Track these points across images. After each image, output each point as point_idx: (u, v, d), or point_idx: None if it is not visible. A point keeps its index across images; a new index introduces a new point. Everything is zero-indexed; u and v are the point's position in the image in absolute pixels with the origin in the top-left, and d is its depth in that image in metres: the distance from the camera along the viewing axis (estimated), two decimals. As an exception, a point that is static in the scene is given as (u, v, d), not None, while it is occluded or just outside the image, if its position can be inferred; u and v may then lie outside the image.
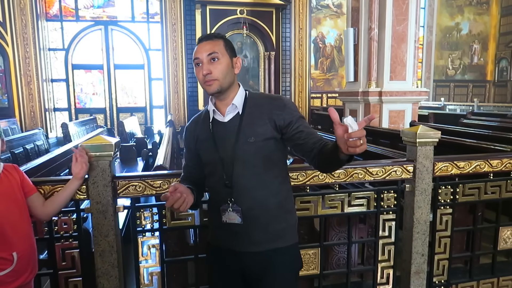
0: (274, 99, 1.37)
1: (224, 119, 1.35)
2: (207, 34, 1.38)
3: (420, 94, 5.97)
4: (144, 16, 10.68)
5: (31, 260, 1.42)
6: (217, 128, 1.35)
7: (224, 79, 1.30)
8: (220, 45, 1.31)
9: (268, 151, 1.32)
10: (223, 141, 1.33)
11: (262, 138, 1.30)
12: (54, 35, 10.23)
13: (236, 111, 1.35)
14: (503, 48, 14.78)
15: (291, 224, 1.40)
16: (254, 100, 1.36)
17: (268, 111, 1.32)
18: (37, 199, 1.48)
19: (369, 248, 2.48)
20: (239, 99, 1.35)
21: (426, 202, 2.02)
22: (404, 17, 5.66)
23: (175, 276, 2.31)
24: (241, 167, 1.30)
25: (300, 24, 10.88)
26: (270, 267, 1.33)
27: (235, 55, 1.36)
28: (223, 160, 1.31)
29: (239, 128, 1.31)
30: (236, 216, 1.31)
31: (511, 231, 2.30)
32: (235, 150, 1.30)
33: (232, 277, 1.39)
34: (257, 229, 1.32)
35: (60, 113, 10.49)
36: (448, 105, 12.06)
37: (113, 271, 1.68)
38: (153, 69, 10.73)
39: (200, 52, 1.30)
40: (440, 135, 1.99)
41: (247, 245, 1.33)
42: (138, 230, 1.77)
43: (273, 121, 1.30)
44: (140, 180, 1.68)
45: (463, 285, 2.26)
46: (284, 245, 1.36)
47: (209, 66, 1.29)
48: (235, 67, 1.35)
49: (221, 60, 1.30)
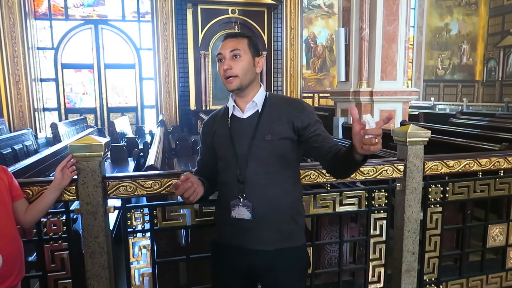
0: (293, 101, 1.40)
1: (243, 115, 1.38)
2: (234, 32, 1.42)
3: (411, 94, 6.03)
4: (135, 15, 10.60)
5: (17, 263, 1.39)
6: (235, 124, 1.38)
7: (244, 76, 1.33)
8: (244, 44, 1.35)
9: (283, 151, 1.34)
10: (240, 137, 1.35)
11: (278, 137, 1.32)
12: (43, 34, 10.10)
13: (255, 109, 1.37)
14: (491, 49, 14.99)
15: (300, 226, 1.42)
16: (273, 100, 1.39)
17: (287, 112, 1.35)
18: (22, 206, 1.45)
19: (360, 247, 2.49)
20: (260, 97, 1.38)
21: (417, 200, 2.04)
22: (395, 18, 5.71)
23: (166, 277, 2.30)
24: (255, 164, 1.31)
25: (291, 24, 10.92)
26: (277, 265, 1.35)
27: (258, 54, 1.38)
28: (238, 155, 1.33)
29: (257, 125, 1.33)
30: (246, 211, 1.31)
31: (499, 229, 2.33)
32: (251, 146, 1.32)
33: (238, 274, 1.40)
34: (267, 227, 1.33)
35: (49, 113, 10.36)
36: (438, 105, 12.20)
37: (103, 273, 1.67)
38: (144, 69, 10.66)
39: (223, 48, 1.35)
40: (430, 135, 2.01)
41: (256, 243, 1.33)
42: (129, 231, 1.75)
43: (291, 122, 1.33)
44: (131, 180, 1.67)
45: (453, 282, 2.29)
46: (292, 245, 1.37)
47: (231, 62, 1.32)
48: (257, 66, 1.38)
49: (243, 57, 1.33)
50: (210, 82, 10.21)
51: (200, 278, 2.24)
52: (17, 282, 1.40)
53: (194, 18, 9.85)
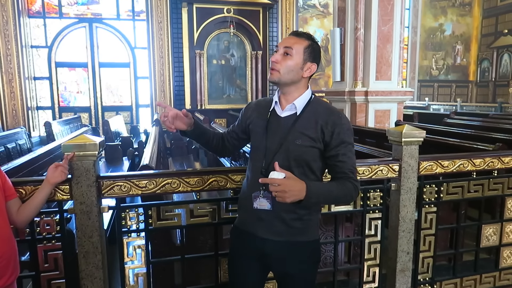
0: (333, 113, 1.40)
1: (281, 113, 1.42)
2: (300, 31, 1.44)
3: (405, 94, 6.06)
4: (130, 14, 10.54)
5: (11, 263, 1.38)
6: (273, 119, 1.42)
7: (286, 74, 1.37)
8: (301, 45, 1.37)
9: (310, 158, 1.37)
10: (273, 133, 1.40)
11: (308, 144, 1.36)
12: (36, 32, 10.00)
13: (294, 111, 1.41)
14: (485, 49, 15.11)
15: (314, 222, 1.46)
16: (315, 106, 1.42)
17: (323, 121, 1.37)
18: (15, 205, 1.44)
19: (355, 247, 2.49)
20: (302, 101, 1.41)
21: (412, 200, 2.05)
22: (389, 18, 5.73)
23: (161, 277, 2.29)
24: (280, 162, 1.32)
25: (287, 23, 10.91)
26: (288, 256, 1.40)
27: (312, 61, 1.40)
28: (267, 149, 1.38)
29: (291, 128, 1.37)
30: (266, 202, 1.36)
31: (493, 229, 2.35)
32: (280, 145, 1.37)
33: (250, 258, 1.46)
34: (280, 222, 1.38)
35: (43, 112, 10.27)
36: (432, 105, 12.27)
37: (97, 273, 1.65)
38: (139, 68, 10.60)
39: (282, 42, 1.40)
40: (425, 135, 2.02)
41: (269, 233, 1.40)
42: (123, 230, 1.74)
43: (323, 133, 1.36)
44: (126, 180, 1.66)
45: (447, 282, 2.30)
46: (304, 239, 1.42)
47: (279, 57, 1.37)
48: (305, 71, 1.40)
49: (293, 57, 1.36)
50: (205, 81, 10.18)
51: (195, 278, 2.23)
52: (11, 282, 1.39)
53: (189, 17, 9.81)
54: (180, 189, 1.72)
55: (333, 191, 1.32)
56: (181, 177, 1.72)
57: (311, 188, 1.25)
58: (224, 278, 1.92)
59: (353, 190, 1.35)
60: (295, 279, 1.42)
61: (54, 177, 1.48)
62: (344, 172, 1.36)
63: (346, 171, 1.36)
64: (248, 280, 1.50)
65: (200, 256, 1.95)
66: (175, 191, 1.72)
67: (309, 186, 1.25)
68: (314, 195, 1.26)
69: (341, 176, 1.36)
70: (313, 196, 1.26)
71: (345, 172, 1.36)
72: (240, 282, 1.51)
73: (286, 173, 1.23)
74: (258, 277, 1.51)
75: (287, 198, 1.21)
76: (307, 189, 1.24)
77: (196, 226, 1.86)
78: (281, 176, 1.21)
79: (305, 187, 1.24)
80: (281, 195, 1.20)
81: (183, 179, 1.72)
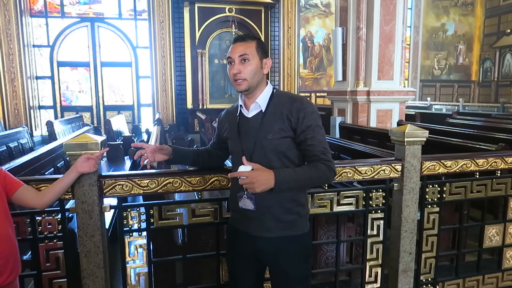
0: (295, 100, 1.43)
1: (248, 114, 1.47)
2: (243, 35, 1.48)
3: (407, 94, 6.03)
4: (132, 13, 10.55)
5: (10, 261, 1.37)
6: (242, 122, 1.48)
7: (253, 79, 1.41)
8: (252, 47, 1.42)
9: (284, 148, 1.41)
10: (245, 134, 1.45)
11: (279, 136, 1.40)
12: (38, 32, 10.03)
13: (259, 109, 1.45)
14: (487, 49, 15.06)
15: (303, 215, 1.48)
16: (278, 98, 1.46)
17: (288, 111, 1.40)
18: (27, 191, 1.45)
19: (357, 247, 2.49)
20: (264, 98, 1.45)
21: (414, 201, 2.04)
22: (392, 17, 5.71)
23: (163, 276, 2.29)
24: (258, 160, 1.37)
25: (288, 23, 10.91)
26: (280, 252, 1.44)
27: (266, 56, 1.46)
28: (244, 151, 1.43)
29: (260, 125, 1.42)
30: (250, 203, 1.40)
31: (496, 229, 2.34)
32: (254, 144, 1.41)
33: (246, 256, 1.50)
34: (269, 217, 1.42)
35: (45, 111, 10.30)
36: (434, 105, 12.23)
37: (99, 272, 1.65)
38: (141, 67, 10.62)
39: (233, 52, 1.42)
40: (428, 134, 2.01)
41: (259, 231, 1.43)
42: (125, 230, 1.74)
43: (290, 121, 1.40)
44: (127, 179, 1.65)
45: (449, 283, 2.29)
46: (294, 234, 1.45)
47: (240, 67, 1.40)
48: (264, 68, 1.45)
49: (251, 61, 1.40)
50: (207, 81, 10.18)
51: (197, 277, 2.23)
52: (11, 280, 1.39)
53: (191, 17, 9.81)
54: (182, 189, 1.72)
55: (305, 174, 1.35)
56: (182, 177, 1.71)
57: (280, 176, 1.30)
58: (225, 278, 1.91)
59: (327, 171, 1.37)
60: (288, 274, 1.45)
61: (83, 167, 1.50)
62: (315, 154, 1.38)
63: (317, 153, 1.38)
64: (245, 278, 1.53)
65: (201, 255, 1.94)
66: (176, 191, 1.71)
67: (277, 174, 1.30)
68: (284, 182, 1.31)
69: (314, 159, 1.39)
70: (284, 182, 1.31)
71: (316, 155, 1.38)
72: (238, 280, 1.54)
73: (254, 165, 1.30)
74: (255, 274, 1.53)
75: (257, 188, 1.27)
76: (276, 177, 1.29)
77: (198, 226, 1.86)
78: (248, 168, 1.29)
79: (273, 175, 1.29)
80: (250, 186, 1.27)
81: (184, 179, 1.71)
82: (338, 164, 1.92)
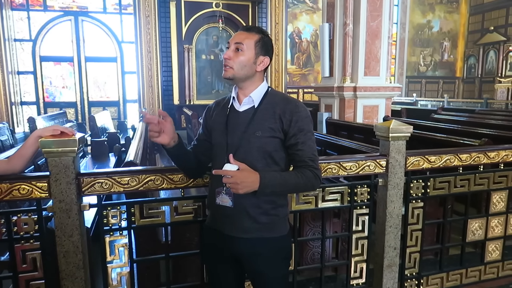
0: (289, 102, 1.40)
1: (240, 108, 1.42)
2: (251, 26, 1.45)
3: (393, 90, 6.08)
4: (117, 8, 10.36)
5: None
6: (232, 115, 1.42)
7: (240, 70, 1.36)
8: (252, 40, 1.37)
9: (271, 149, 1.37)
10: (233, 128, 1.40)
11: (268, 135, 1.35)
12: (20, 25, 9.77)
13: (252, 104, 1.41)
14: (472, 46, 15.30)
15: (281, 217, 1.44)
16: (272, 97, 1.42)
17: (281, 111, 1.37)
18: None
19: (343, 242, 2.49)
20: (258, 93, 1.41)
21: (399, 196, 2.04)
22: (378, 13, 5.73)
23: (147, 275, 2.25)
24: (242, 156, 1.33)
25: (276, 18, 10.86)
26: (257, 254, 1.39)
27: (266, 54, 1.40)
28: (228, 145, 1.38)
29: (251, 120, 1.37)
30: (228, 199, 1.36)
31: (479, 223, 2.36)
32: (241, 139, 1.36)
33: (222, 258, 1.46)
34: (246, 217, 1.37)
35: (27, 107, 10.06)
36: (419, 101, 12.38)
37: (78, 273, 1.60)
38: (126, 62, 10.45)
39: (233, 38, 1.39)
40: (412, 130, 2.01)
41: (235, 230, 1.39)
42: (105, 229, 1.69)
43: (282, 122, 1.36)
44: (107, 177, 1.61)
45: (433, 277, 2.31)
46: (272, 235, 1.41)
47: (231, 53, 1.37)
48: (258, 65, 1.40)
49: (244, 53, 1.36)
50: (194, 76, 10.08)
51: (181, 276, 2.20)
52: None
53: (178, 11, 9.69)
54: (163, 186, 1.68)
55: (291, 180, 1.32)
56: (164, 174, 1.67)
57: (266, 179, 1.27)
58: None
59: (313, 178, 1.34)
60: (266, 277, 1.42)
61: (44, 131, 1.49)
62: (303, 160, 1.36)
63: (305, 159, 1.35)
64: (226, 279, 1.49)
65: (185, 254, 1.91)
66: (158, 188, 1.67)
67: (263, 178, 1.27)
68: (269, 186, 1.28)
69: (301, 165, 1.36)
70: (268, 186, 1.28)
71: (304, 161, 1.35)
72: (217, 282, 1.50)
73: (240, 165, 1.26)
74: (234, 274, 1.49)
75: (240, 190, 1.24)
76: (261, 180, 1.26)
77: (181, 224, 1.82)
78: (234, 168, 1.25)
79: (258, 178, 1.26)
80: (234, 187, 1.23)
81: (166, 176, 1.67)
82: (323, 160, 1.90)
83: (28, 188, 1.53)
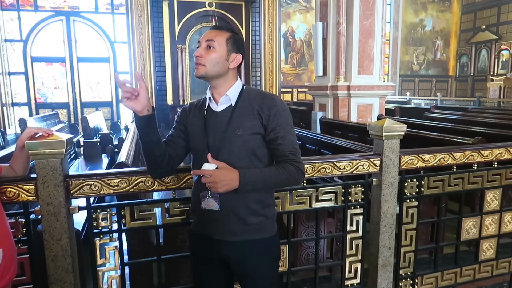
0: (266, 97, 1.39)
1: (217, 108, 1.39)
2: (221, 25, 1.46)
3: (387, 89, 6.08)
4: (109, 7, 10.28)
5: (14, 257, 1.34)
6: (210, 116, 1.40)
7: (212, 67, 1.35)
8: (223, 37, 1.36)
9: (254, 146, 1.35)
10: (213, 129, 1.37)
11: (249, 132, 1.33)
12: (10, 26, 9.65)
13: (229, 103, 1.39)
14: (464, 45, 15.41)
15: (269, 217, 1.42)
16: (248, 94, 1.40)
17: (259, 107, 1.35)
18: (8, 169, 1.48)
19: (338, 242, 2.48)
20: (234, 91, 1.39)
21: (393, 195, 2.03)
22: (371, 12, 5.73)
23: (139, 277, 2.21)
24: (225, 157, 1.32)
25: (269, 18, 10.84)
26: (246, 256, 1.38)
27: (237, 51, 1.39)
28: (210, 148, 1.35)
29: (229, 120, 1.35)
30: (215, 203, 1.34)
31: (473, 222, 2.36)
32: (222, 140, 1.34)
33: (211, 263, 1.44)
34: (235, 220, 1.35)
35: (19, 108, 9.95)
36: (413, 99, 12.43)
37: (67, 277, 1.57)
38: (119, 63, 10.38)
39: (203, 37, 1.38)
40: (406, 129, 1.99)
41: (224, 234, 1.37)
42: (95, 232, 1.65)
43: (261, 117, 1.35)
44: (96, 179, 1.57)
45: (428, 276, 2.30)
46: (261, 237, 1.39)
47: (203, 51, 1.35)
48: (231, 62, 1.38)
49: (216, 50, 1.35)
50: (187, 76, 10.03)
51: (174, 279, 2.17)
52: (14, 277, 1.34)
53: (170, 11, 9.63)
54: (155, 188, 1.65)
55: (272, 175, 1.30)
56: (155, 175, 1.64)
57: (245, 176, 1.26)
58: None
59: (295, 172, 1.33)
60: (255, 279, 1.41)
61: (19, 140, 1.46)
62: (284, 155, 1.34)
63: (286, 153, 1.34)
64: (214, 285, 1.47)
65: (177, 256, 1.88)
66: (149, 190, 1.64)
67: (243, 175, 1.25)
68: (249, 183, 1.26)
69: (283, 159, 1.34)
70: (248, 183, 1.26)
71: (285, 155, 1.34)
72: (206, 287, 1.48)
73: (219, 164, 1.25)
74: (223, 280, 1.48)
75: (219, 188, 1.23)
76: (241, 177, 1.25)
77: (172, 226, 1.79)
78: (213, 167, 1.24)
79: (238, 176, 1.25)
80: (213, 186, 1.23)
81: (157, 177, 1.64)
82: (317, 159, 1.88)
83: (15, 191, 1.49)
